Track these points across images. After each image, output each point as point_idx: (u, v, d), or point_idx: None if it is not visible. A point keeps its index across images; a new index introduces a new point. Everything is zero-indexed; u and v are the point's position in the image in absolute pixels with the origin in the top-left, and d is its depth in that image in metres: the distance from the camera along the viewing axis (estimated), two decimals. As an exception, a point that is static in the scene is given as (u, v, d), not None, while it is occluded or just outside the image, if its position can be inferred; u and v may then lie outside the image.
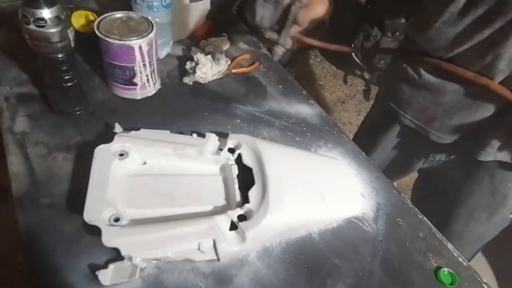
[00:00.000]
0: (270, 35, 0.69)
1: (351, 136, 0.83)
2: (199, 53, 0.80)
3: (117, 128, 0.61)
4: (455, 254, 0.59)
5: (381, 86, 1.41)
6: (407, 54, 0.74)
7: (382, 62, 2.16)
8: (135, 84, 0.70)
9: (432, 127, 0.75)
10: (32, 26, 0.54)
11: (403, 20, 2.04)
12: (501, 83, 0.61)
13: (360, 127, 1.07)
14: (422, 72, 0.71)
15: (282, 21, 0.66)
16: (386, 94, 0.84)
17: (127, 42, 0.63)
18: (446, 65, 0.64)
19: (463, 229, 0.81)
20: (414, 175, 0.99)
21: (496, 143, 0.68)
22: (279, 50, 0.70)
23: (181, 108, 0.73)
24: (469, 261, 0.60)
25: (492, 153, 0.69)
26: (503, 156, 0.69)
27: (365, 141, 0.92)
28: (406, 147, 0.88)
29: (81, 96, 0.67)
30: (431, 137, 0.76)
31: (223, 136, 0.62)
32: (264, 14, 0.64)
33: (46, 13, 0.54)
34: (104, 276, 0.47)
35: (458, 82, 0.66)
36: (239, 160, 0.59)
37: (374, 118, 0.97)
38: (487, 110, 0.66)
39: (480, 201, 0.77)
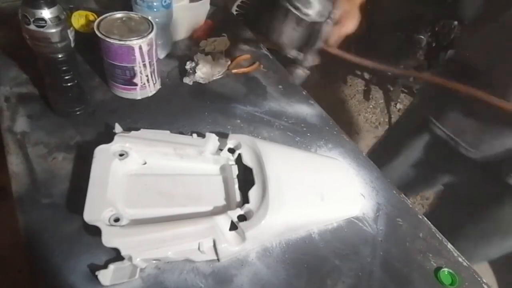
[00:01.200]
0: (294, 54, 0.61)
1: (352, 137, 0.82)
2: (199, 53, 0.80)
3: (117, 128, 0.61)
4: (455, 254, 0.59)
5: (415, 97, 1.36)
6: (450, 84, 0.66)
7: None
8: (135, 84, 0.70)
9: (463, 139, 0.72)
10: (32, 26, 0.54)
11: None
12: None
13: (384, 136, 1.04)
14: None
15: (308, 40, 0.59)
16: (420, 103, 0.81)
17: (127, 42, 0.63)
18: (488, 97, 0.59)
19: (471, 248, 0.79)
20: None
21: None
22: (302, 73, 0.63)
23: (181, 108, 0.73)
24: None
25: None
26: None
27: (387, 149, 0.90)
28: (432, 159, 0.86)
29: (81, 96, 0.67)
30: (460, 150, 0.73)
31: (223, 136, 0.62)
32: (292, 35, 0.57)
33: (46, 13, 0.54)
34: (104, 276, 0.47)
35: (493, 108, 0.61)
36: (239, 160, 0.59)
37: (402, 126, 0.94)
38: None
39: (497, 225, 0.75)
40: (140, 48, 0.64)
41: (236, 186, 0.57)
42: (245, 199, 0.55)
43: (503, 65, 0.60)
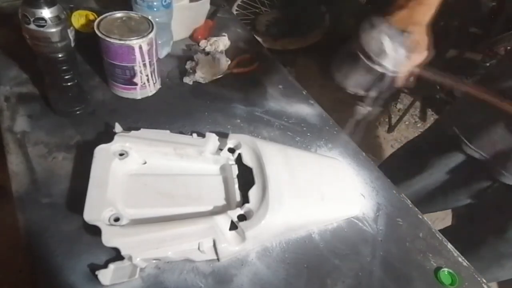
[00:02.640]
0: (357, 91, 0.58)
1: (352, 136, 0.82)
2: (199, 53, 0.80)
3: (117, 127, 0.61)
4: (455, 254, 0.59)
5: (446, 111, 1.29)
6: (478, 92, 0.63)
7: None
8: (135, 84, 0.70)
9: (498, 161, 0.70)
10: (32, 26, 0.54)
11: None
12: None
13: (406, 146, 1.00)
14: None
15: (375, 84, 0.55)
16: (451, 118, 0.78)
17: (127, 42, 0.63)
18: None
19: (484, 269, 0.77)
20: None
21: None
22: (363, 110, 0.60)
23: (181, 108, 0.73)
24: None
25: None
26: None
27: (410, 161, 0.86)
28: (459, 179, 0.83)
29: (81, 96, 0.67)
30: (495, 174, 0.71)
31: (223, 136, 0.62)
32: (360, 80, 0.54)
33: (46, 12, 0.54)
34: (104, 276, 0.47)
35: None
36: (239, 160, 0.59)
37: (428, 143, 0.91)
38: None
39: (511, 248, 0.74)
40: (140, 47, 0.64)
41: (236, 186, 0.57)
42: (245, 199, 0.54)
43: None
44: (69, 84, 0.63)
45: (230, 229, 0.51)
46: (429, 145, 0.90)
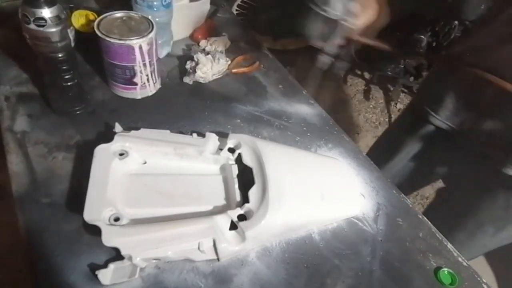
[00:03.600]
0: (319, 44, 0.66)
1: (352, 136, 0.83)
2: (199, 52, 0.80)
3: (117, 127, 0.61)
4: (455, 254, 0.59)
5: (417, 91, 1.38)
6: (453, 63, 0.73)
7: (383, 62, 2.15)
8: (135, 84, 0.70)
9: (463, 130, 0.74)
10: (32, 26, 0.54)
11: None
12: None
13: (384, 133, 1.06)
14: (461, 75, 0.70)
15: (332, 33, 0.64)
16: (418, 98, 0.83)
17: (127, 42, 0.63)
18: (489, 76, 0.61)
19: (467, 239, 0.81)
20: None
21: None
22: (326, 60, 0.67)
23: (181, 108, 0.73)
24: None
25: None
26: None
27: (388, 146, 0.91)
28: (430, 151, 0.88)
29: (81, 96, 0.67)
30: (459, 140, 0.75)
31: (223, 136, 0.62)
32: (321, 30, 0.63)
33: (46, 12, 0.54)
34: (104, 275, 0.47)
35: (497, 91, 0.63)
36: (239, 160, 0.59)
37: (401, 123, 0.96)
38: None
39: (491, 215, 0.76)
40: (140, 47, 0.64)
41: (236, 185, 0.57)
42: (245, 199, 0.54)
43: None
44: (69, 84, 0.63)
45: (230, 229, 0.51)
46: (402, 126, 0.95)
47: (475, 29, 0.76)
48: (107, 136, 0.58)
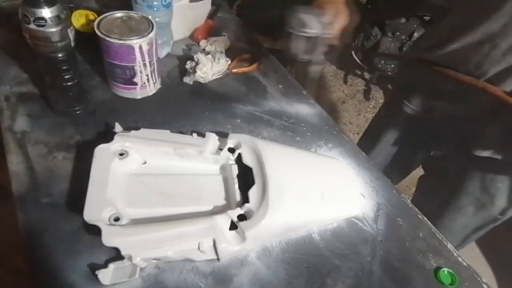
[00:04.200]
0: (306, 57, 0.73)
1: (352, 136, 0.84)
2: (199, 52, 0.80)
3: (117, 127, 0.61)
4: (455, 254, 0.59)
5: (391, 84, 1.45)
6: (411, 61, 0.79)
7: (383, 62, 2.15)
8: (135, 84, 0.70)
9: (432, 116, 0.78)
10: (32, 26, 0.54)
11: (403, 20, 2.06)
12: (494, 85, 0.64)
13: (367, 127, 1.11)
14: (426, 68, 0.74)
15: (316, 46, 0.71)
16: (394, 92, 0.89)
17: (127, 42, 0.63)
18: (448, 72, 0.69)
19: (451, 222, 0.84)
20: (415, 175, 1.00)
21: (491, 139, 0.70)
22: (314, 68, 0.74)
23: (181, 107, 0.73)
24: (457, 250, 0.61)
25: (487, 149, 0.71)
26: (495, 154, 0.71)
27: (370, 137, 0.96)
28: (408, 140, 0.92)
29: (81, 96, 0.67)
30: (431, 127, 0.79)
31: (223, 135, 0.62)
32: (305, 47, 0.70)
33: (46, 12, 0.54)
34: (104, 275, 0.47)
35: (455, 82, 0.69)
36: (239, 160, 0.59)
37: (380, 113, 1.03)
38: (484, 105, 0.68)
39: (470, 197, 0.79)
40: (140, 47, 0.64)
41: (236, 185, 0.57)
42: (245, 199, 0.54)
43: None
44: (69, 84, 0.63)
45: (230, 229, 0.51)
46: (382, 115, 1.01)
47: (436, 24, 0.82)
48: (107, 136, 0.58)
